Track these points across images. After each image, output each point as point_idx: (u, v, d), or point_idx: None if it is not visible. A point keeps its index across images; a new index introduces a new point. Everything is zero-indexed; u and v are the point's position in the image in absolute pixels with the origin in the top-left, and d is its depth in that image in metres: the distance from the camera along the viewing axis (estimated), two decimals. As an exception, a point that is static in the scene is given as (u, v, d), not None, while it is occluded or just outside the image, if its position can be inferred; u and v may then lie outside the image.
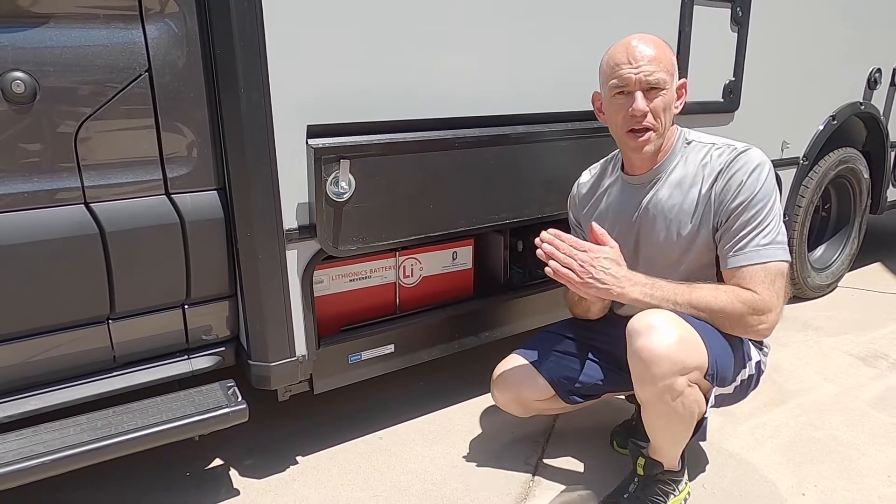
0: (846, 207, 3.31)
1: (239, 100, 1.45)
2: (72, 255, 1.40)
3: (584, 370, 1.70)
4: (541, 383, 1.69)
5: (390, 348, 1.92)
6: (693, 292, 1.44)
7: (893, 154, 3.29)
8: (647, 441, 1.57)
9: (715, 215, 1.48)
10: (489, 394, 1.80)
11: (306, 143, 1.55)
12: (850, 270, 3.41)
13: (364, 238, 1.68)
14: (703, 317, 1.43)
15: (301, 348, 1.71)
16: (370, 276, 1.94)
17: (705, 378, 1.41)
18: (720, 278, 1.51)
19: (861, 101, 2.96)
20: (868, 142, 3.23)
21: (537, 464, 1.87)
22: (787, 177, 2.79)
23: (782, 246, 1.45)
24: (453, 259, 2.10)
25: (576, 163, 1.84)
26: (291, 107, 1.51)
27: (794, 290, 3.10)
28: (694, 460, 1.81)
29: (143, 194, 1.46)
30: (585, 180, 1.76)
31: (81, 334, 1.47)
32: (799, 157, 2.79)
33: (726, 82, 2.36)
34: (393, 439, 2.00)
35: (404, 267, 2.00)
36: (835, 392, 2.25)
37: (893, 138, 3.23)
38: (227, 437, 1.81)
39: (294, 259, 1.64)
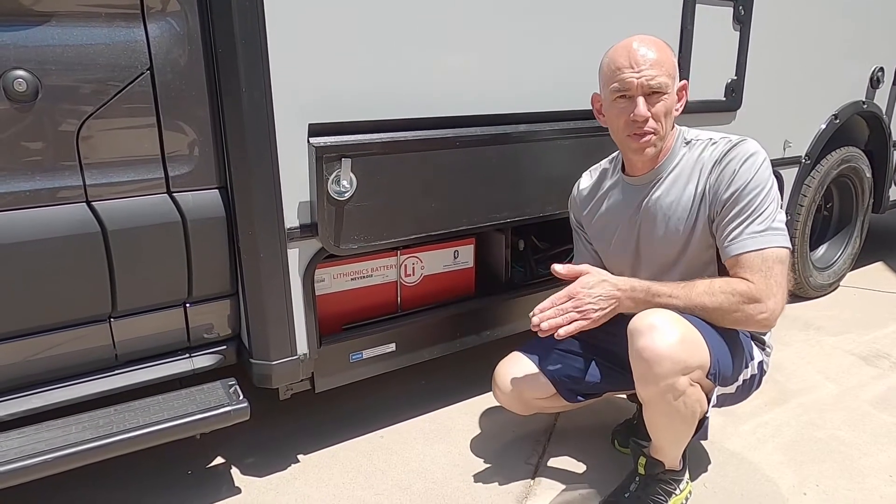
0: (848, 207, 3.30)
1: (240, 98, 1.45)
2: (73, 253, 1.40)
3: (585, 369, 1.70)
4: (542, 382, 1.69)
5: (391, 347, 1.92)
6: (688, 289, 1.43)
7: (896, 153, 3.29)
8: (648, 440, 1.57)
9: (710, 207, 1.47)
10: (490, 392, 1.80)
11: (308, 141, 1.55)
12: (853, 270, 3.41)
13: (365, 237, 1.68)
14: (702, 313, 1.42)
15: (302, 347, 1.71)
16: (371, 275, 1.94)
17: (707, 377, 1.41)
18: (721, 276, 1.51)
19: (863, 99, 2.95)
20: (870, 141, 3.22)
21: (538, 463, 1.87)
22: (790, 176, 2.79)
23: (779, 232, 1.42)
24: (455, 258, 2.10)
25: (577, 162, 1.84)
26: (293, 105, 1.51)
27: (795, 289, 3.09)
28: (695, 459, 1.81)
29: (144, 193, 1.46)
30: (586, 182, 1.75)
31: (83, 332, 1.47)
32: (801, 157, 2.79)
33: (728, 81, 2.36)
34: (394, 438, 2.00)
35: (405, 266, 2.00)
36: (836, 391, 2.25)
37: (896, 137, 3.24)
38: (228, 436, 1.82)
39: (295, 258, 1.64)
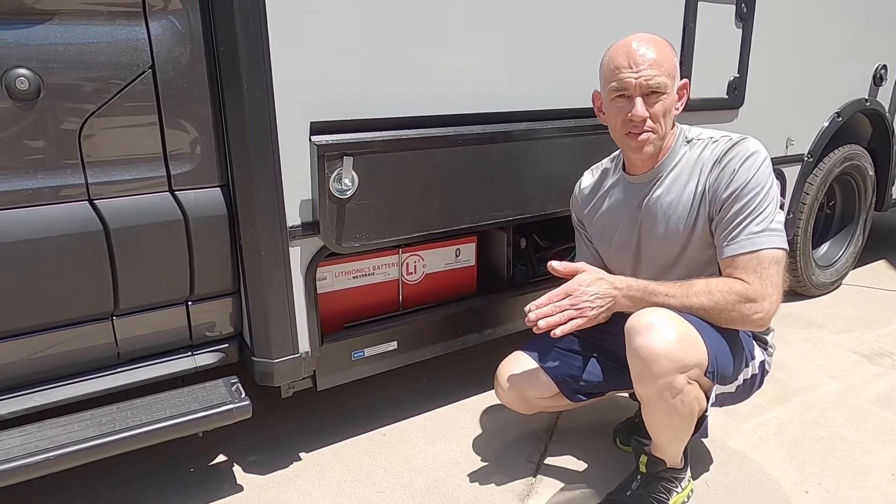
0: (851, 205, 3.29)
1: (242, 97, 1.45)
2: (76, 251, 1.40)
3: (587, 368, 1.70)
4: (545, 381, 1.69)
5: (393, 345, 1.92)
6: (685, 288, 1.43)
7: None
8: (649, 438, 1.56)
9: (710, 206, 1.47)
10: (492, 391, 1.79)
11: (309, 139, 1.55)
12: (855, 268, 3.40)
13: (367, 235, 1.68)
14: (698, 312, 1.42)
15: (304, 345, 1.71)
16: (373, 273, 1.94)
17: (705, 376, 1.41)
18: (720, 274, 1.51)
19: (866, 97, 2.94)
20: (873, 139, 3.21)
21: (540, 461, 1.87)
22: (792, 174, 2.78)
23: (776, 233, 1.43)
24: (456, 256, 2.10)
25: (578, 159, 1.84)
26: (295, 104, 1.51)
27: (797, 287, 3.09)
28: (697, 458, 1.81)
29: (146, 191, 1.46)
30: (587, 181, 1.75)
31: (85, 331, 1.48)
32: (803, 154, 2.78)
33: (731, 79, 2.35)
34: (396, 436, 2.00)
35: (407, 264, 2.00)
36: (839, 390, 2.25)
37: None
38: (230, 434, 1.82)
39: (297, 256, 1.64)
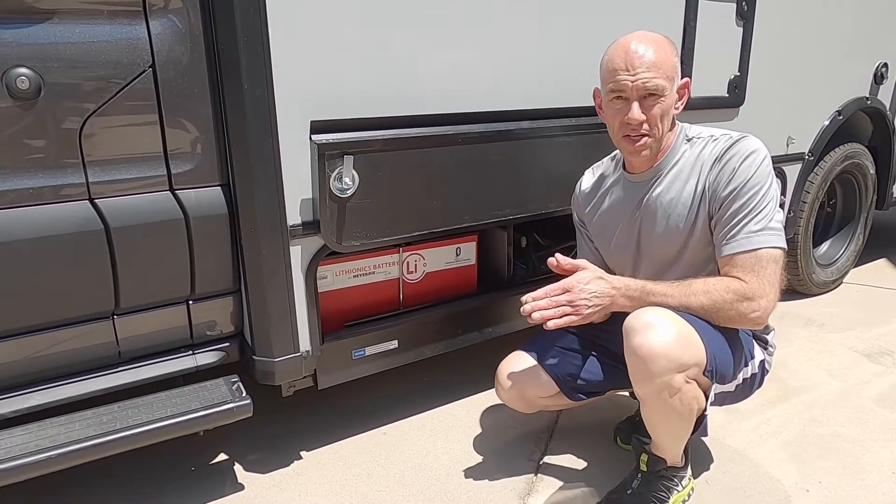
0: (852, 203, 3.29)
1: (242, 96, 1.45)
2: (76, 251, 1.40)
3: (588, 367, 1.70)
4: (545, 380, 1.69)
5: (394, 344, 1.92)
6: (683, 287, 1.44)
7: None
8: (650, 437, 1.56)
9: (710, 204, 1.47)
10: (492, 390, 1.80)
11: (310, 138, 1.55)
12: (856, 266, 3.40)
13: (367, 234, 1.68)
14: (697, 311, 1.42)
15: (305, 344, 1.71)
16: (374, 272, 1.94)
17: (704, 375, 1.41)
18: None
19: (867, 96, 2.94)
20: (874, 137, 3.21)
21: (540, 459, 1.87)
22: (793, 172, 2.78)
23: (775, 232, 1.43)
24: (457, 255, 2.10)
25: (579, 158, 1.84)
26: (295, 103, 1.51)
27: (798, 285, 3.09)
28: (698, 456, 1.81)
29: (147, 190, 1.46)
30: (588, 179, 1.75)
31: (86, 330, 1.48)
32: (804, 153, 2.78)
33: (731, 77, 2.35)
34: (396, 435, 2.00)
35: (408, 263, 2.00)
36: (839, 388, 2.24)
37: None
38: (231, 433, 1.82)
39: (298, 255, 1.64)
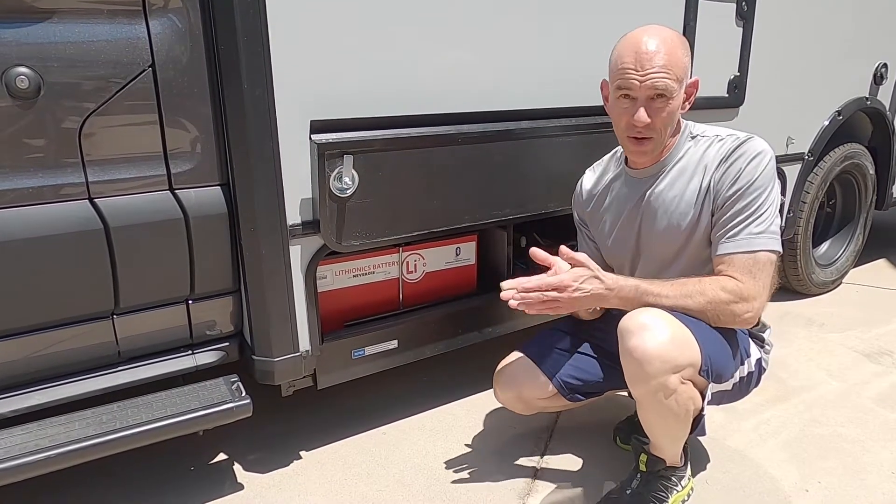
0: (851, 203, 3.29)
1: (242, 95, 1.45)
2: (76, 250, 1.40)
3: (586, 368, 1.70)
4: (543, 382, 1.69)
5: (393, 344, 1.92)
6: (678, 288, 1.43)
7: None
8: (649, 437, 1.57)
9: (713, 202, 1.47)
10: (492, 390, 1.80)
11: (310, 138, 1.55)
12: (855, 266, 3.40)
13: (367, 233, 1.68)
14: (693, 312, 1.42)
15: (304, 344, 1.71)
16: (373, 272, 1.94)
17: (699, 375, 1.41)
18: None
19: (867, 96, 2.94)
20: (874, 137, 3.21)
21: (540, 460, 1.87)
22: (792, 172, 2.78)
23: (774, 236, 1.44)
24: (456, 255, 2.10)
25: (579, 158, 1.84)
26: (295, 102, 1.51)
27: (797, 285, 3.09)
28: (697, 456, 1.81)
29: (146, 190, 1.46)
30: (589, 178, 1.75)
31: (86, 329, 1.48)
32: (804, 153, 2.78)
33: (731, 77, 2.35)
34: (396, 434, 2.00)
35: (407, 262, 2.00)
36: (839, 388, 2.24)
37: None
38: (230, 432, 1.82)
39: (297, 254, 1.64)
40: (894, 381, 2.29)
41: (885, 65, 2.95)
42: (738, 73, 2.36)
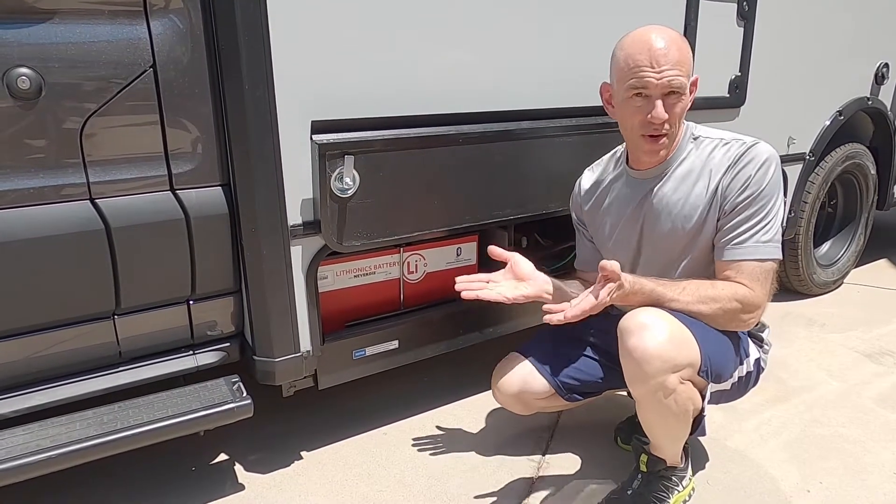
0: (852, 203, 3.28)
1: (243, 95, 1.45)
2: (77, 250, 1.40)
3: (584, 368, 1.70)
4: (541, 382, 1.69)
5: (394, 344, 1.92)
6: (689, 293, 1.43)
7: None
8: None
9: (720, 208, 1.47)
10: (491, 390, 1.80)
11: (310, 138, 1.55)
12: (856, 267, 3.40)
13: (368, 234, 1.68)
14: (702, 317, 1.42)
15: (305, 344, 1.71)
16: (374, 272, 1.94)
17: (699, 374, 1.41)
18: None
19: (868, 96, 2.94)
20: (875, 137, 3.20)
21: (541, 460, 1.87)
22: (793, 172, 2.78)
23: (778, 245, 1.47)
24: (457, 255, 2.10)
25: (580, 158, 1.84)
26: (296, 102, 1.51)
27: (798, 286, 3.09)
28: (698, 456, 1.81)
29: (147, 190, 1.46)
30: (587, 178, 1.75)
31: (87, 330, 1.48)
32: (805, 153, 2.77)
33: (732, 77, 2.35)
34: (397, 435, 2.00)
35: (408, 263, 2.00)
36: (840, 389, 2.24)
37: (901, 134, 3.21)
38: (231, 433, 1.82)
39: (298, 255, 1.64)
40: (895, 381, 2.29)
41: (887, 64, 2.94)
42: (740, 73, 2.35)
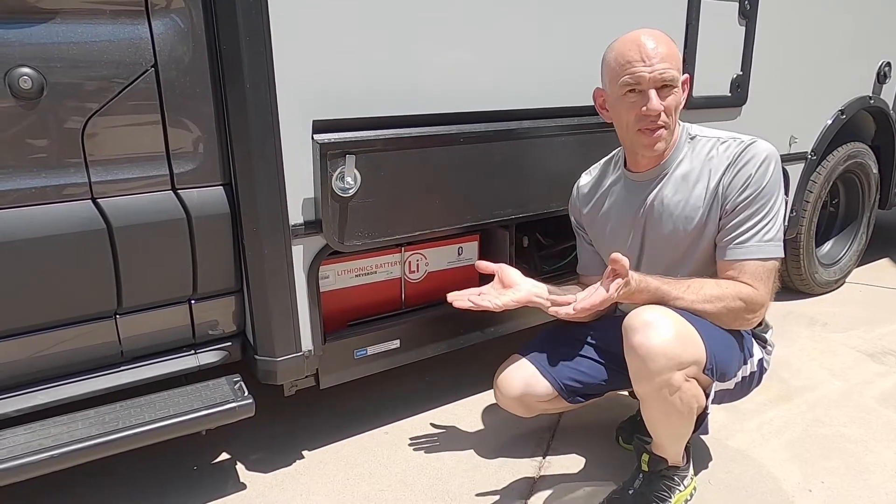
0: (854, 203, 3.28)
1: (244, 95, 1.45)
2: (79, 250, 1.40)
3: (586, 370, 1.70)
4: (543, 385, 1.68)
5: (396, 344, 1.92)
6: (693, 292, 1.43)
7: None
8: (651, 436, 1.56)
9: (721, 207, 1.47)
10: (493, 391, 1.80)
11: (312, 138, 1.55)
12: (858, 266, 3.39)
13: (369, 233, 1.68)
14: (707, 315, 1.42)
15: (307, 343, 1.71)
16: (376, 272, 1.94)
17: (704, 373, 1.41)
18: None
19: (870, 95, 2.93)
20: (877, 136, 3.19)
21: (542, 460, 1.87)
22: (795, 172, 2.77)
23: (780, 243, 1.47)
24: (459, 254, 2.10)
25: (581, 157, 1.84)
26: (297, 102, 1.51)
27: (800, 285, 3.08)
28: (699, 456, 1.81)
29: (149, 190, 1.46)
30: (585, 182, 1.74)
31: (89, 329, 1.48)
32: (807, 152, 2.77)
33: (734, 76, 2.34)
34: (398, 434, 2.00)
35: (410, 262, 2.00)
36: (842, 388, 2.24)
37: (903, 133, 3.20)
38: (233, 432, 1.82)
39: (300, 254, 1.64)
40: (897, 380, 2.29)
41: (889, 63, 2.94)
42: (741, 73, 2.35)
